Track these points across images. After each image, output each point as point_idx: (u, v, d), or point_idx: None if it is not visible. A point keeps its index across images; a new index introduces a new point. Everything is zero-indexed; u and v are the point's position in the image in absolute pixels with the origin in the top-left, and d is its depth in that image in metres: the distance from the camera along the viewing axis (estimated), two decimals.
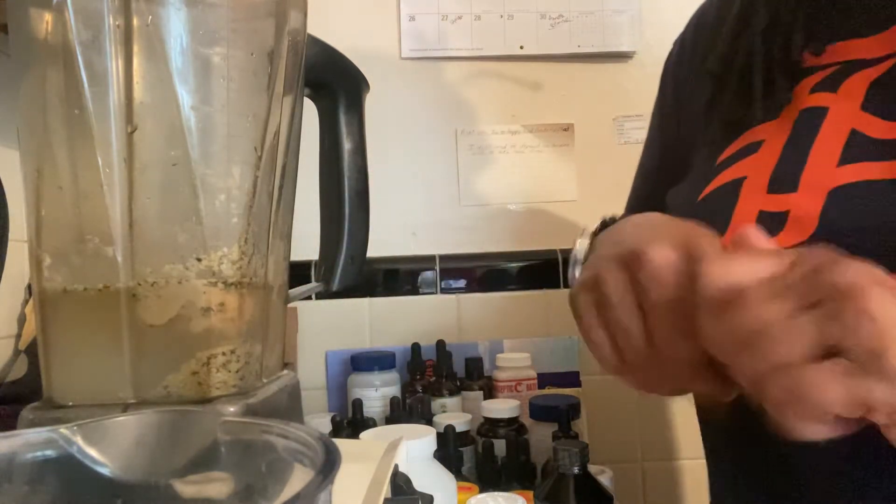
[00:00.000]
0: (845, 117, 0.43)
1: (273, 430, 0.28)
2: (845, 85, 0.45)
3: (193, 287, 0.43)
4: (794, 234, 0.42)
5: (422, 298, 1.05)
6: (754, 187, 0.46)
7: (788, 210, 0.43)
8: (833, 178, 0.42)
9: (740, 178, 0.47)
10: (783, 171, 0.45)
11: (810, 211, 0.42)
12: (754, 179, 0.46)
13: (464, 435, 0.81)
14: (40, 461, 0.29)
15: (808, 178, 0.43)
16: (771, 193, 0.45)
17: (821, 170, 0.43)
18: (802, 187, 0.43)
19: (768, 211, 0.44)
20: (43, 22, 0.42)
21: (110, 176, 0.42)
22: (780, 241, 0.42)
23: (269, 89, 0.46)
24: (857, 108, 0.43)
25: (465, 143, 1.07)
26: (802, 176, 0.44)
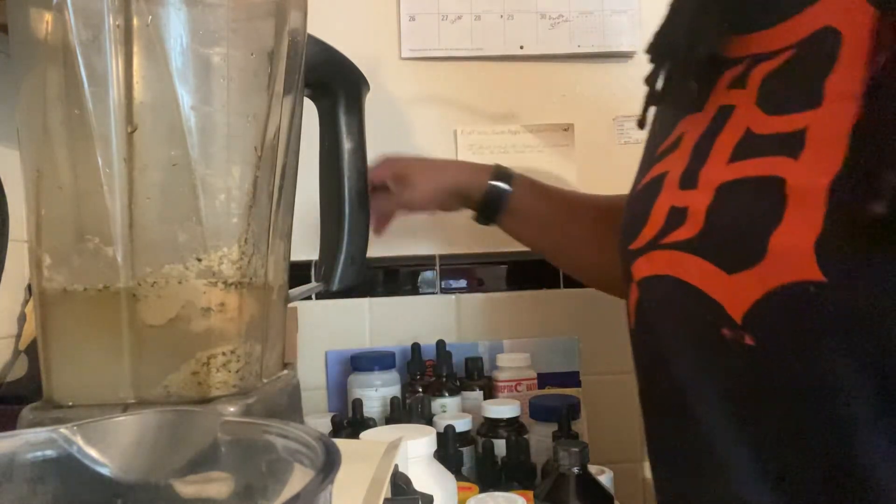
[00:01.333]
0: (744, 114, 0.46)
1: (273, 430, 0.28)
2: (749, 80, 0.47)
3: (193, 287, 0.43)
4: (690, 228, 0.46)
5: (422, 298, 1.05)
6: (671, 183, 0.50)
7: (688, 206, 0.47)
8: (721, 175, 0.45)
9: (664, 172, 0.51)
10: (691, 168, 0.48)
11: (701, 207, 0.46)
12: (672, 175, 0.50)
13: (464, 435, 0.81)
14: (40, 461, 0.29)
15: (705, 176, 0.46)
16: (681, 189, 0.49)
17: (715, 167, 0.46)
18: (700, 184, 0.47)
19: (676, 206, 0.48)
20: (43, 22, 0.42)
21: (110, 176, 0.42)
22: (680, 234, 0.47)
23: (269, 89, 0.46)
24: (752, 103, 0.45)
25: (465, 143, 1.07)
26: (701, 172, 0.47)
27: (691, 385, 0.47)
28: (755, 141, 0.44)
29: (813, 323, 0.39)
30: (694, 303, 0.46)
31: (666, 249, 0.49)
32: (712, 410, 0.46)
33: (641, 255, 0.51)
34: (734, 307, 0.43)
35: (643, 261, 0.51)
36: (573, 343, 1.04)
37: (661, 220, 0.50)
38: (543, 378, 0.97)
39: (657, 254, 0.49)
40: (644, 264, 0.51)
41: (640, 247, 0.51)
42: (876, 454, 0.38)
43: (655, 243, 0.50)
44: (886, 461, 0.38)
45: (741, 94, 0.47)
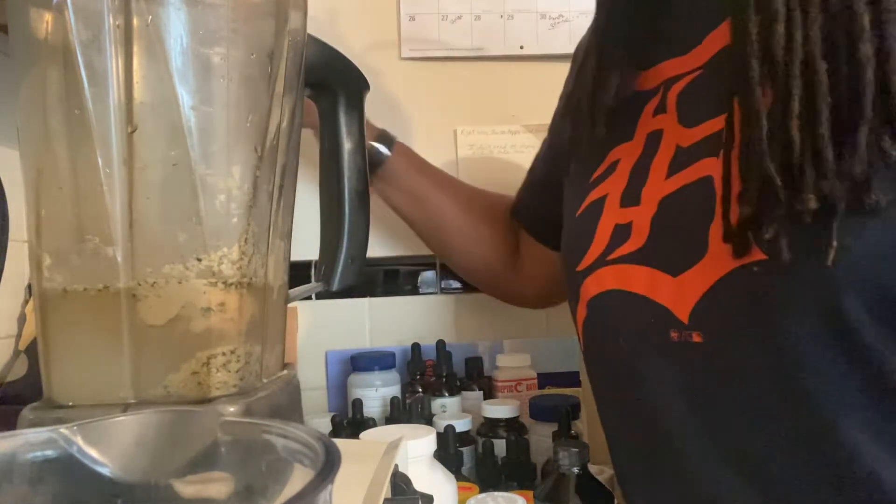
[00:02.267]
0: (672, 135, 0.50)
1: (273, 430, 0.28)
2: (668, 103, 0.51)
3: (193, 287, 0.43)
4: (636, 240, 0.49)
5: (422, 298, 1.05)
6: (612, 203, 0.53)
7: (632, 221, 0.50)
8: (662, 189, 0.48)
9: (603, 196, 0.54)
10: (631, 188, 0.52)
11: (645, 220, 0.49)
12: (612, 197, 0.53)
13: (464, 435, 0.81)
14: (40, 461, 0.29)
15: (647, 193, 0.50)
16: (622, 207, 0.52)
17: (655, 184, 0.49)
18: (643, 200, 0.50)
19: (620, 223, 0.51)
20: (43, 22, 0.42)
21: (110, 176, 0.42)
22: (626, 248, 0.50)
23: (269, 89, 0.46)
24: (675, 122, 0.50)
25: (465, 142, 1.07)
26: (643, 191, 0.50)
27: (649, 394, 0.48)
28: (684, 153, 0.47)
29: (762, 301, 0.40)
30: (641, 311, 0.48)
31: (612, 265, 0.51)
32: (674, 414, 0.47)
33: (589, 274, 0.53)
34: (680, 308, 0.45)
35: (591, 280, 0.53)
36: (573, 343, 1.04)
37: (605, 238, 0.52)
38: (543, 378, 0.97)
39: (604, 270, 0.51)
40: (592, 283, 0.53)
41: (586, 266, 0.53)
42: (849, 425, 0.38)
43: (602, 260, 0.52)
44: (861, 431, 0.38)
45: (664, 118, 0.51)
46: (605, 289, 0.52)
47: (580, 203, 0.57)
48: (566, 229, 0.61)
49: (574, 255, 0.56)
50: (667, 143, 0.50)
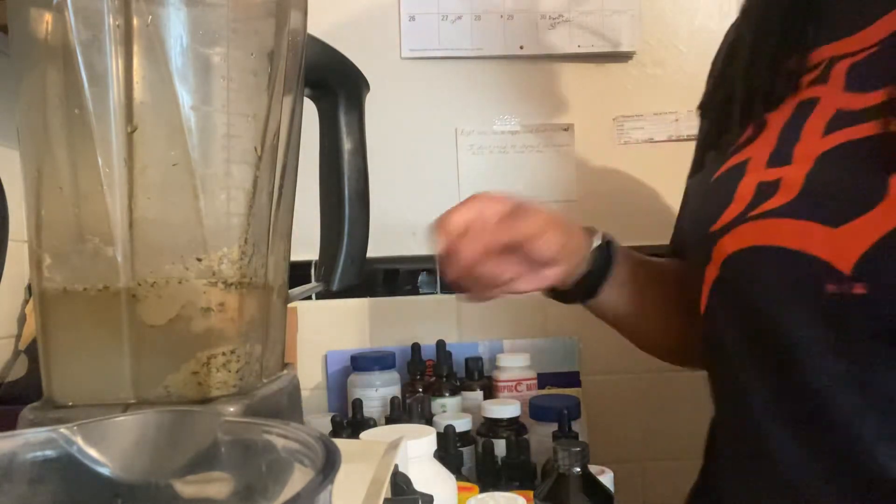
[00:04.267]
0: (832, 101, 0.49)
1: (273, 430, 0.28)
2: (832, 75, 0.51)
3: (193, 287, 0.43)
4: (785, 195, 0.48)
5: (422, 298, 1.05)
6: (756, 165, 0.52)
7: (780, 178, 0.49)
8: (819, 146, 0.47)
9: (745, 159, 0.53)
10: (780, 149, 0.51)
11: (798, 176, 0.47)
12: (757, 159, 0.52)
13: (464, 435, 0.81)
14: (40, 461, 0.29)
15: (800, 151, 0.49)
16: (769, 167, 0.50)
17: (810, 142, 0.48)
18: (795, 159, 0.49)
19: (766, 181, 0.50)
20: (43, 22, 0.42)
21: (110, 176, 0.42)
22: (773, 203, 0.48)
23: (269, 89, 0.46)
24: (840, 91, 0.49)
25: (465, 142, 1.07)
26: (795, 150, 0.49)
27: (797, 352, 0.46)
28: (849, 115, 0.47)
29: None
30: (790, 265, 0.46)
31: (755, 220, 0.49)
32: (829, 377, 0.45)
33: (726, 232, 0.51)
34: (841, 259, 0.43)
35: (728, 238, 0.51)
36: (573, 343, 1.04)
37: (748, 196, 0.50)
38: (543, 378, 0.97)
39: (745, 227, 0.49)
40: (729, 241, 0.51)
41: (723, 225, 0.51)
42: None
43: (743, 218, 0.50)
44: None
45: (823, 88, 0.50)
46: (745, 245, 0.49)
47: (715, 171, 0.56)
48: (696, 197, 0.59)
49: (707, 216, 0.53)
50: (824, 107, 0.49)
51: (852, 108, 0.47)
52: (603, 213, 1.08)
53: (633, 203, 1.09)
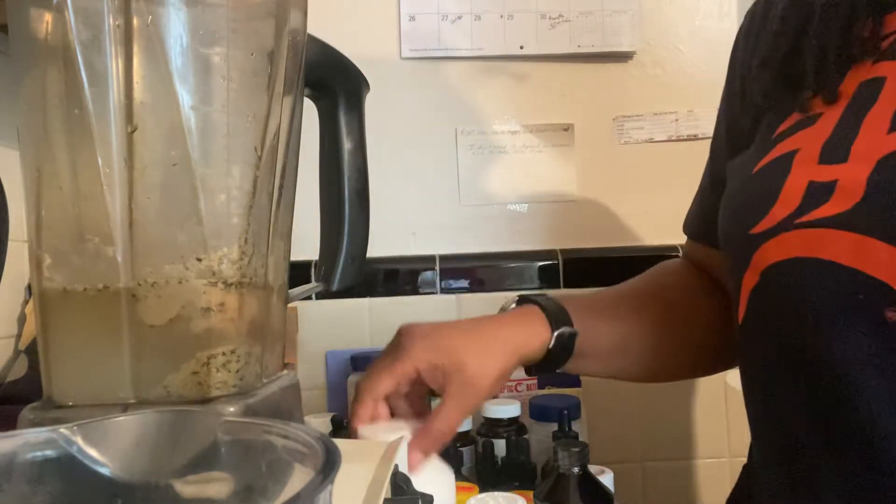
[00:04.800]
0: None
1: (273, 430, 0.28)
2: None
3: (193, 287, 0.43)
4: (840, 202, 0.42)
5: (422, 298, 1.05)
6: (806, 159, 0.45)
7: (836, 179, 0.43)
8: (883, 145, 0.41)
9: (793, 150, 0.47)
10: (835, 142, 0.44)
11: (858, 179, 0.41)
12: (807, 151, 0.46)
13: (464, 435, 0.81)
14: (40, 461, 0.29)
15: (859, 148, 0.43)
16: (822, 164, 0.44)
17: (872, 138, 0.42)
18: (853, 157, 0.43)
19: (817, 181, 0.44)
20: (43, 22, 0.42)
21: (110, 176, 0.42)
22: (826, 210, 0.42)
23: (269, 89, 0.46)
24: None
25: (465, 142, 1.07)
26: (854, 146, 0.43)
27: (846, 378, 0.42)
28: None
29: None
30: (843, 284, 0.41)
31: (804, 229, 0.43)
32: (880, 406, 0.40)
33: (770, 238, 0.45)
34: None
35: (772, 245, 0.45)
36: None
37: (796, 198, 0.44)
38: (543, 378, 0.97)
39: (790, 235, 0.44)
40: (773, 248, 0.45)
41: (767, 228, 0.46)
42: None
43: (789, 224, 0.44)
44: None
45: (891, 65, 0.44)
46: (791, 255, 0.44)
47: (756, 162, 0.50)
48: (733, 190, 0.52)
49: (748, 215, 0.47)
50: (891, 93, 0.43)
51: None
52: (603, 213, 1.08)
53: (633, 203, 1.09)
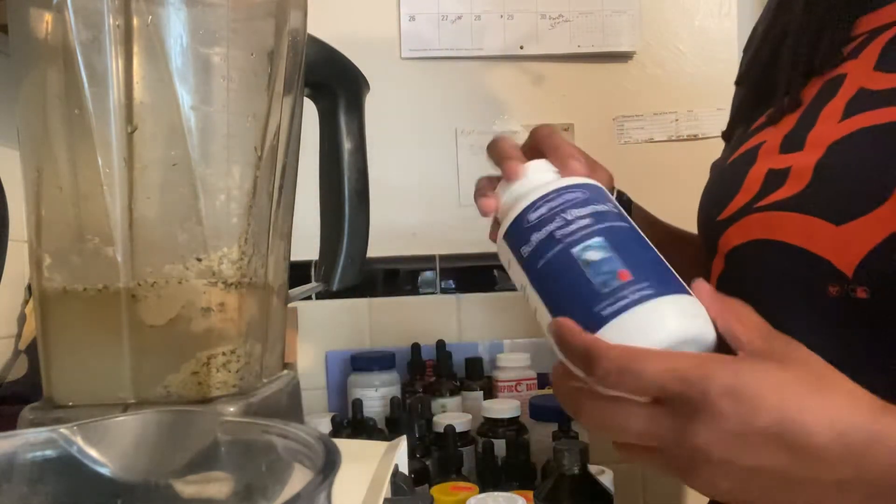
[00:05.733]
0: (857, 79, 0.46)
1: (273, 430, 0.28)
2: (866, 50, 0.47)
3: (193, 287, 0.43)
4: (793, 186, 0.45)
5: (422, 298, 1.05)
6: (769, 150, 0.49)
7: (791, 166, 0.46)
8: (834, 133, 0.44)
9: (759, 143, 0.51)
10: (795, 133, 0.48)
11: (808, 164, 0.45)
12: (770, 143, 0.49)
13: (464, 435, 0.81)
14: (40, 461, 0.29)
15: (814, 137, 0.46)
16: (781, 153, 0.48)
17: (825, 128, 0.45)
18: (808, 145, 0.46)
19: (775, 168, 0.47)
20: (43, 22, 0.42)
21: (110, 176, 0.42)
22: (780, 194, 0.46)
23: (269, 89, 0.46)
24: (870, 69, 0.46)
25: (465, 143, 1.07)
26: (809, 136, 0.46)
27: None
28: (871, 96, 0.44)
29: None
30: (793, 263, 0.44)
31: (761, 212, 0.47)
32: None
33: (732, 223, 0.49)
34: (843, 260, 0.41)
35: (733, 230, 0.49)
36: None
37: (756, 185, 0.48)
38: (543, 378, 0.97)
39: (750, 218, 0.47)
40: (734, 233, 0.49)
41: (729, 215, 0.49)
42: None
43: (749, 208, 0.48)
44: None
45: (853, 63, 0.47)
46: (750, 238, 0.47)
47: (732, 154, 0.53)
48: (709, 181, 0.56)
49: (715, 204, 0.51)
50: (847, 86, 0.46)
51: (877, 88, 0.44)
52: None
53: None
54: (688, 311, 0.37)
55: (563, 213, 0.40)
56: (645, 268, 0.38)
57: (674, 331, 0.36)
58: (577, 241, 0.39)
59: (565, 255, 0.39)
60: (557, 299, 0.39)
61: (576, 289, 0.38)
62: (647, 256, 0.39)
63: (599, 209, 0.41)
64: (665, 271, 0.39)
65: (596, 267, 0.38)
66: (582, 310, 0.37)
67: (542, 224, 0.41)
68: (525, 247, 0.42)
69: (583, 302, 0.37)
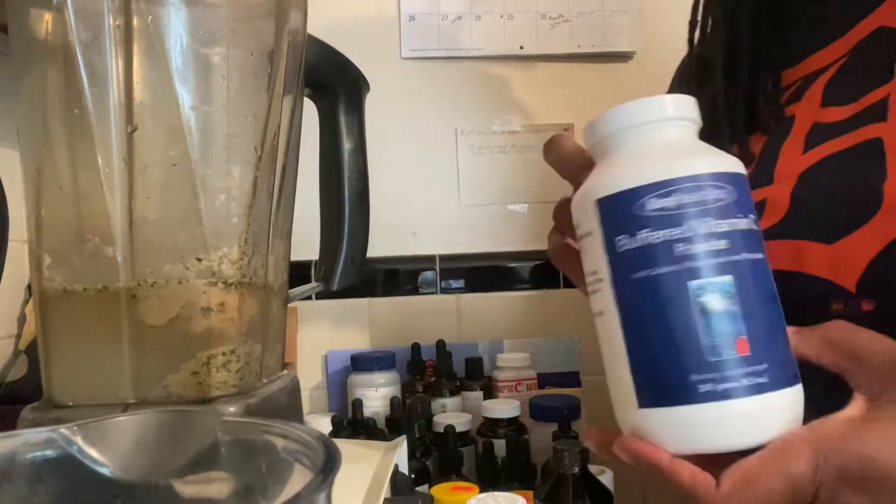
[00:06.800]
0: (808, 117, 0.48)
1: (273, 430, 0.28)
2: (807, 93, 0.50)
3: (193, 287, 0.43)
4: (771, 216, 0.46)
5: (422, 298, 1.05)
6: None
7: (765, 198, 0.47)
8: (800, 164, 0.46)
9: None
10: (759, 171, 0.49)
11: (783, 194, 0.46)
12: None
13: (464, 435, 0.81)
14: (40, 461, 0.29)
15: (780, 170, 0.48)
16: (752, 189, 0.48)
17: (789, 160, 0.47)
18: (777, 179, 0.48)
19: None
20: (43, 22, 0.42)
21: (110, 176, 0.42)
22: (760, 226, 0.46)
23: (269, 89, 0.46)
24: (817, 107, 0.48)
25: (465, 143, 1.07)
26: (776, 169, 0.48)
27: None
28: (829, 128, 0.45)
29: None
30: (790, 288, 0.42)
31: None
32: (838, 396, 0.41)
33: None
34: (843, 276, 0.41)
35: None
36: (573, 343, 1.04)
37: None
38: (543, 378, 0.97)
39: None
40: None
41: None
42: None
43: None
44: None
45: (798, 105, 0.49)
46: None
47: None
48: None
49: None
50: (801, 123, 0.48)
51: (832, 120, 0.46)
52: None
53: None
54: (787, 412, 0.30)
55: (697, 219, 0.30)
56: (767, 340, 0.30)
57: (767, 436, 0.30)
58: (700, 271, 0.29)
59: (678, 285, 0.29)
60: (643, 332, 0.30)
61: (675, 335, 0.29)
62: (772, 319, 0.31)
63: (741, 226, 0.30)
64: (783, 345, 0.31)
65: (712, 321, 0.29)
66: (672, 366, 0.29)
67: (664, 223, 0.30)
68: (625, 238, 0.31)
69: (677, 357, 0.29)
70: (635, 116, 0.33)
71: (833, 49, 0.50)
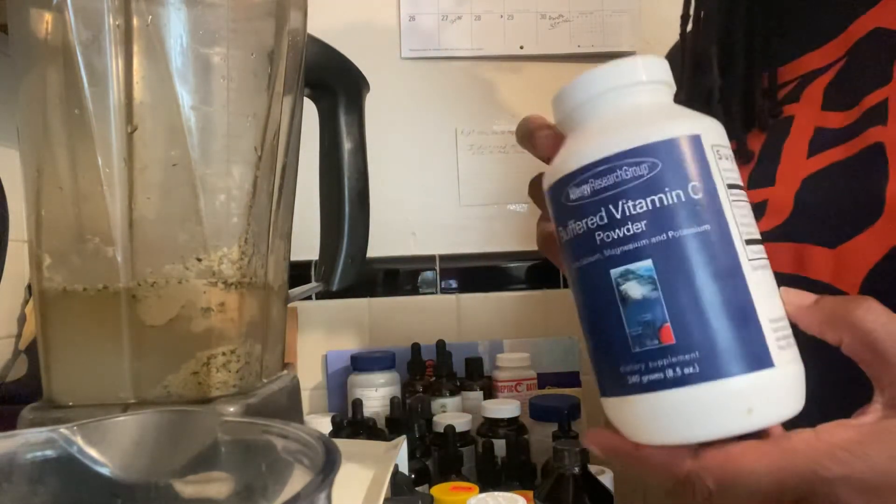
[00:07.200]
0: (809, 119, 0.48)
1: (273, 430, 0.28)
2: (805, 93, 0.50)
3: (193, 287, 0.43)
4: (773, 218, 0.46)
5: (422, 298, 1.05)
6: None
7: (767, 199, 0.47)
8: (804, 168, 0.46)
9: None
10: (761, 170, 0.49)
11: (786, 197, 0.46)
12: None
13: (464, 435, 0.81)
14: (40, 461, 0.29)
15: (783, 172, 0.48)
16: (752, 189, 0.49)
17: (793, 163, 0.47)
18: (779, 180, 0.48)
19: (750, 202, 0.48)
20: (43, 22, 0.42)
21: (110, 176, 0.42)
22: (762, 226, 0.45)
23: (269, 89, 0.46)
24: (818, 110, 0.48)
25: (465, 143, 1.07)
26: (778, 171, 0.48)
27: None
28: (831, 134, 0.46)
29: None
30: None
31: None
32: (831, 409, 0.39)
33: None
34: (844, 281, 0.41)
35: None
36: (573, 343, 1.04)
37: None
38: (543, 378, 0.97)
39: None
40: None
41: None
42: None
43: None
44: None
45: (797, 106, 0.50)
46: None
47: None
48: None
49: None
50: (801, 127, 0.48)
51: (835, 126, 0.46)
52: None
53: None
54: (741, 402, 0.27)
55: (611, 202, 0.28)
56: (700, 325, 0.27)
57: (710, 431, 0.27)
58: (617, 258, 0.28)
59: (602, 274, 0.28)
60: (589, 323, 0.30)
61: (608, 326, 0.28)
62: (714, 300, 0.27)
63: (668, 201, 0.28)
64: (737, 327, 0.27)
65: (634, 310, 0.28)
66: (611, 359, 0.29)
67: (583, 212, 0.29)
68: (561, 230, 0.31)
69: (613, 350, 0.28)
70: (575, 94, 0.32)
71: (829, 49, 0.50)
